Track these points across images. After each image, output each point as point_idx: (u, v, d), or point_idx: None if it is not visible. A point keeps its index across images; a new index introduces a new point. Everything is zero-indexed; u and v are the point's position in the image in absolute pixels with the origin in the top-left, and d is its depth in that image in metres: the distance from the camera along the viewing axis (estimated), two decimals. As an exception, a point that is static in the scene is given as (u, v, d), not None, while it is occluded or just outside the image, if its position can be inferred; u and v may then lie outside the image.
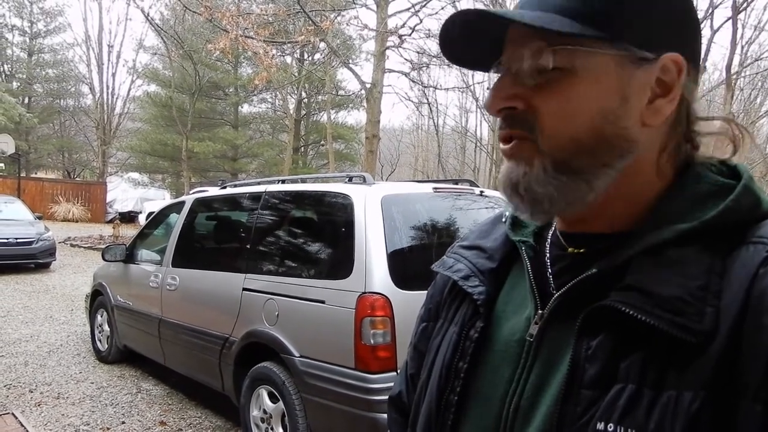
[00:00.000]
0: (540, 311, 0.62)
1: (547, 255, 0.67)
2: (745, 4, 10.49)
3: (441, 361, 0.70)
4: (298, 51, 20.74)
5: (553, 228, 0.70)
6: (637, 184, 0.60)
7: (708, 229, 0.54)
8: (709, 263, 0.53)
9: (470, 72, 22.52)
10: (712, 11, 11.61)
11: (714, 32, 11.79)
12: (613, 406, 0.51)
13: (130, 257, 4.98)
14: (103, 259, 5.11)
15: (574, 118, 0.57)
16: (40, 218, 12.14)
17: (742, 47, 15.57)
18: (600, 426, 0.51)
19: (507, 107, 0.60)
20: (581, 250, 0.64)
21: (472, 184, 3.74)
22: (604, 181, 0.59)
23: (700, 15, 12.20)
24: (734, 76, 12.27)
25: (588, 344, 0.55)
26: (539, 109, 0.58)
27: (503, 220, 0.75)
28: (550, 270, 0.65)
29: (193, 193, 5.02)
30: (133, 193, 24.97)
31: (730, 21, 10.14)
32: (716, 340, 0.49)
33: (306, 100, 25.03)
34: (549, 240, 0.69)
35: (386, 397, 0.88)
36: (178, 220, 4.48)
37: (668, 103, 0.58)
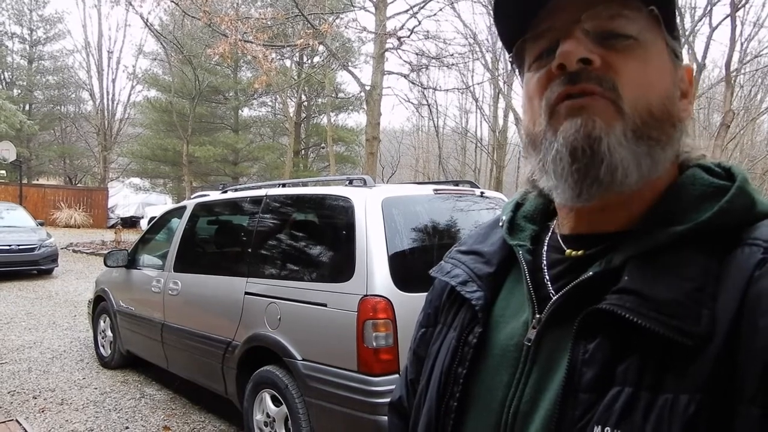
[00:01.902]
0: (537, 315, 0.63)
1: (545, 259, 0.67)
2: (743, 1, 10.47)
3: (440, 366, 0.70)
4: (297, 54, 20.78)
5: (550, 231, 0.70)
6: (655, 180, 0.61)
7: (703, 231, 0.55)
8: (704, 265, 0.53)
9: (470, 73, 22.55)
10: (711, 8, 11.62)
11: (713, 29, 11.79)
12: (610, 409, 0.51)
13: (132, 263, 4.99)
14: (105, 264, 5.11)
15: (651, 88, 0.58)
16: (42, 225, 12.16)
17: (742, 44, 15.56)
18: (597, 430, 0.51)
19: (583, 58, 0.57)
20: (579, 253, 0.63)
21: (473, 185, 3.74)
22: (665, 159, 0.59)
23: (699, 12, 12.22)
24: (734, 73, 12.25)
25: (585, 347, 0.55)
26: (619, 70, 0.57)
27: (500, 224, 0.75)
28: (547, 274, 0.65)
29: (194, 197, 5.03)
30: (135, 199, 25.01)
31: (729, 18, 10.13)
32: (712, 343, 0.49)
33: (306, 103, 25.06)
34: (546, 244, 0.69)
35: (389, 400, 0.89)
36: (179, 225, 4.49)
37: (689, 105, 0.62)
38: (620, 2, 0.58)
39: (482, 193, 3.60)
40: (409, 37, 11.59)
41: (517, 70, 0.68)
